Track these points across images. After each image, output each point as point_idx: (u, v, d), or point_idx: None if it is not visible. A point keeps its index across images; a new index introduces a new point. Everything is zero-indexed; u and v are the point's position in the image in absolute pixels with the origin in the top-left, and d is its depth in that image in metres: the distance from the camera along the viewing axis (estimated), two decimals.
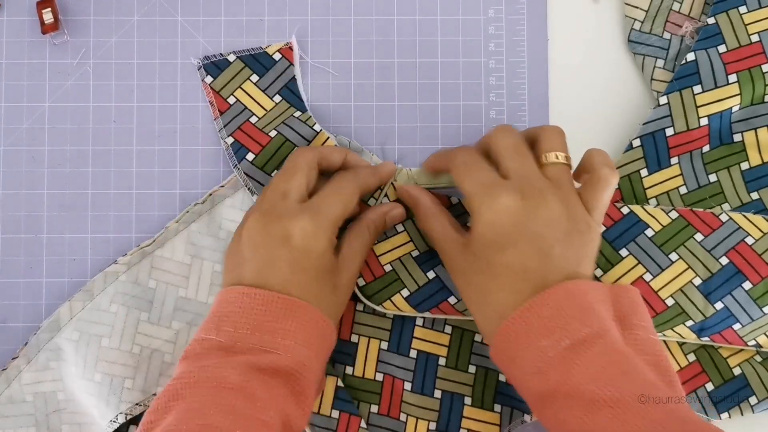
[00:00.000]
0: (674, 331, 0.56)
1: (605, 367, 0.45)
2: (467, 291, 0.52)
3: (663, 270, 0.57)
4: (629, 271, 0.57)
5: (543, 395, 0.47)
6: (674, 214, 0.57)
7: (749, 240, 0.57)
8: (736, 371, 0.57)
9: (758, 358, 0.58)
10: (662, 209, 0.58)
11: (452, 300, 0.57)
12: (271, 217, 0.51)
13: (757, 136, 0.59)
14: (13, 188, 0.61)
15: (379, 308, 0.57)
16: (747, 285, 0.56)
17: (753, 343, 0.57)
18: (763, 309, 0.56)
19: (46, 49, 0.62)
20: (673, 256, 0.57)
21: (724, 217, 0.57)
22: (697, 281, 0.56)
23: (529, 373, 0.47)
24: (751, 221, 0.57)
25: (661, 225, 0.57)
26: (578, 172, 0.54)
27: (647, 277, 0.57)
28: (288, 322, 0.49)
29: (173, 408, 0.46)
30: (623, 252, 0.57)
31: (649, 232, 0.57)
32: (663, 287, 0.56)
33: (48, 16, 0.60)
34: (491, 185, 0.50)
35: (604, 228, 0.57)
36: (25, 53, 0.61)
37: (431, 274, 0.57)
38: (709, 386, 0.57)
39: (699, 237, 0.57)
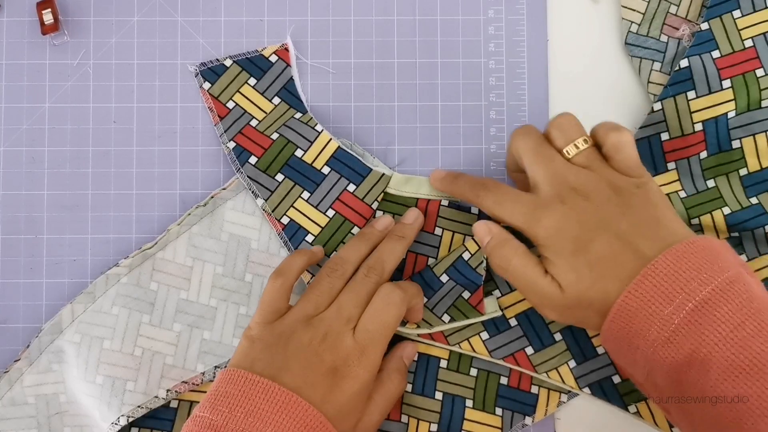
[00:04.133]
0: None
1: (740, 324, 0.44)
2: (579, 313, 0.50)
3: None
4: None
5: (677, 366, 0.45)
6: None
7: None
8: None
9: None
10: None
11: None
12: (329, 343, 0.51)
13: (755, 142, 0.59)
14: (13, 189, 0.61)
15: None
16: None
17: None
18: None
19: (46, 50, 0.61)
20: None
21: None
22: None
23: (657, 345, 0.45)
24: None
25: None
26: (593, 138, 0.54)
27: None
28: (287, 422, 0.47)
29: None
30: None
31: None
32: None
33: (48, 17, 0.60)
34: (530, 213, 0.50)
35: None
36: (25, 54, 0.61)
37: None
38: None
39: None
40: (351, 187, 0.59)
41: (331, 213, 0.58)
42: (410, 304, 0.54)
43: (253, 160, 0.59)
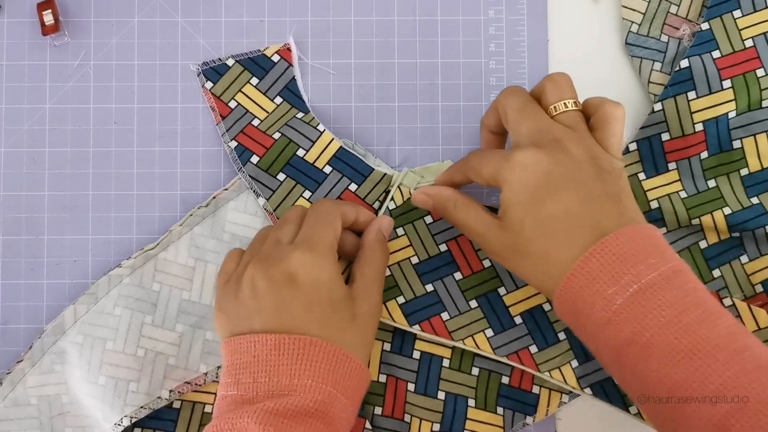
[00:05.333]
0: None
1: (683, 311, 0.44)
2: (523, 265, 0.50)
3: None
4: None
5: (617, 347, 0.45)
6: None
7: None
8: None
9: None
10: None
11: (445, 316, 0.57)
12: (269, 262, 0.50)
13: (756, 142, 0.59)
14: (13, 190, 0.61)
15: None
16: None
17: None
18: None
19: (46, 51, 0.61)
20: None
21: (727, 302, 0.56)
22: None
23: (599, 325, 0.46)
24: (752, 313, 0.56)
25: None
26: (585, 110, 0.53)
27: None
28: (303, 362, 0.48)
29: None
30: None
31: None
32: None
33: (48, 18, 0.60)
34: (506, 155, 0.50)
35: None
36: (26, 55, 0.61)
37: (429, 287, 0.57)
38: None
39: None
40: (353, 187, 0.59)
41: None
42: (346, 213, 0.54)
43: (254, 159, 0.59)
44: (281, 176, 0.59)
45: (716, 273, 0.59)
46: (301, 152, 0.59)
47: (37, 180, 0.61)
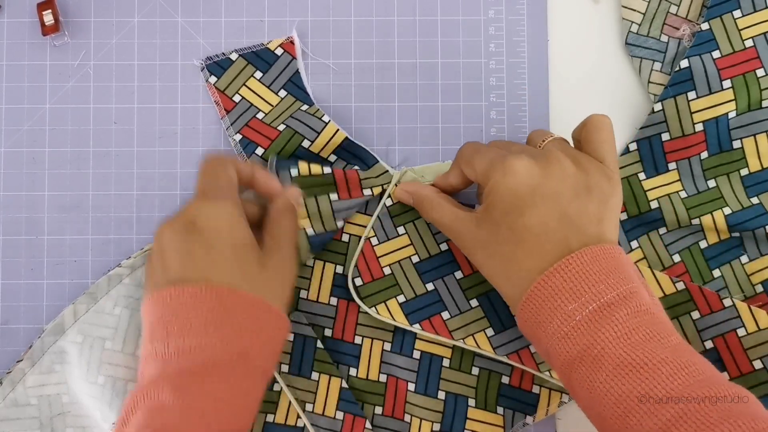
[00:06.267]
0: None
1: (634, 329, 0.45)
2: (490, 264, 0.51)
3: None
4: None
5: (570, 360, 0.46)
6: (681, 285, 0.57)
7: (741, 331, 0.56)
8: None
9: None
10: (671, 278, 0.57)
11: (446, 315, 0.57)
12: (171, 218, 0.51)
13: (756, 142, 0.59)
14: (13, 190, 0.61)
15: (371, 311, 0.57)
16: (725, 377, 0.55)
17: None
18: None
19: (46, 51, 0.61)
20: None
21: (727, 302, 0.56)
22: None
23: (555, 338, 0.47)
24: (752, 313, 0.56)
25: (664, 293, 0.57)
26: (575, 140, 0.54)
27: None
28: (208, 311, 0.47)
29: None
30: None
31: None
32: None
33: (48, 18, 0.60)
34: (502, 157, 0.50)
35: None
36: (26, 55, 0.61)
37: (430, 286, 0.57)
38: None
39: (695, 315, 0.56)
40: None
41: None
42: (238, 164, 0.54)
43: (259, 151, 0.59)
44: None
45: (716, 273, 0.59)
46: (306, 143, 0.59)
47: (37, 180, 0.61)
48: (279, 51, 0.61)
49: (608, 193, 0.50)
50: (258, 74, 0.61)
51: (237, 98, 0.60)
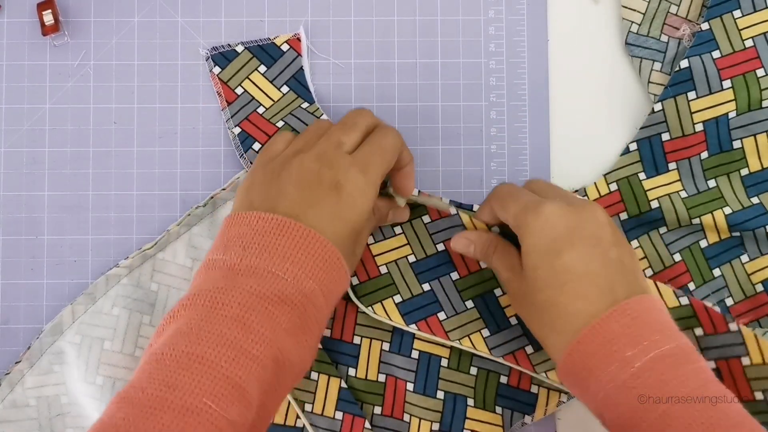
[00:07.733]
0: None
1: (701, 386, 0.44)
2: (532, 312, 0.50)
3: None
4: None
5: (629, 412, 0.45)
6: (685, 300, 0.55)
7: (745, 360, 0.53)
8: None
9: None
10: (674, 291, 0.55)
11: (442, 316, 0.57)
12: (324, 161, 0.50)
13: (756, 142, 0.59)
14: (13, 190, 0.61)
15: (368, 310, 0.57)
16: None
17: None
18: None
19: (46, 51, 0.61)
20: None
21: (733, 326, 0.54)
22: None
23: (613, 387, 0.45)
24: (758, 343, 0.53)
25: (667, 306, 0.55)
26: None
27: None
28: (301, 253, 0.47)
29: (166, 329, 0.45)
30: None
31: None
32: None
33: (48, 18, 0.60)
34: (536, 201, 0.50)
35: None
36: (26, 55, 0.61)
37: (426, 287, 0.57)
38: None
39: (698, 332, 0.55)
40: None
41: None
42: (404, 154, 0.54)
43: (257, 146, 0.59)
44: None
45: (716, 272, 0.59)
46: None
47: (37, 180, 0.61)
48: (285, 47, 0.61)
49: (632, 249, 0.50)
50: (262, 68, 0.61)
51: (239, 90, 0.60)
